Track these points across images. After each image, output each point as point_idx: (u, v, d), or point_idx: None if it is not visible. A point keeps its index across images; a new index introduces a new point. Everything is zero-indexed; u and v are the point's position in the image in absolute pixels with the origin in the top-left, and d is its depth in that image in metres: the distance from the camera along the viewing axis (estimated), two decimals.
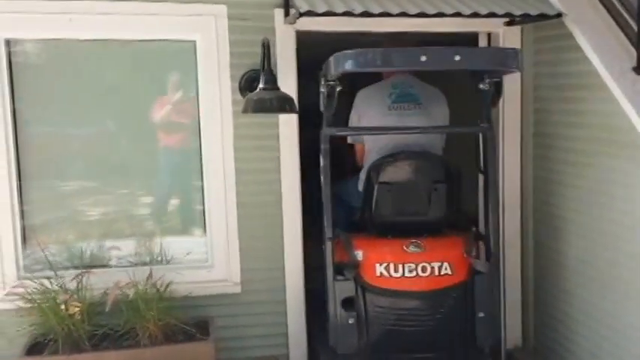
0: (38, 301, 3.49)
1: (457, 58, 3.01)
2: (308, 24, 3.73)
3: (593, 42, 3.32)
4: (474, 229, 3.69)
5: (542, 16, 3.58)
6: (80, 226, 3.87)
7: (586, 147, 3.54)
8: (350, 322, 3.46)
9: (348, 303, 3.48)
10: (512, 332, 4.17)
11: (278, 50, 3.81)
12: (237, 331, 3.88)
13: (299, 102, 3.79)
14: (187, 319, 3.63)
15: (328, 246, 3.45)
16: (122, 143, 3.94)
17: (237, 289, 3.89)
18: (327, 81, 3.35)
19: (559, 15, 3.54)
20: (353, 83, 3.71)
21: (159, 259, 3.86)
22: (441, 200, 3.57)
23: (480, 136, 3.60)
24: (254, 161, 3.87)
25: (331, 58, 3.16)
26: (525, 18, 3.67)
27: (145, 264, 3.80)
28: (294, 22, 3.72)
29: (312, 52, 3.82)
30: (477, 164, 3.71)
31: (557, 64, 3.78)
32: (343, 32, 3.90)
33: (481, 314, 3.50)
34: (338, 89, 3.35)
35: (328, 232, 3.45)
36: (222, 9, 3.74)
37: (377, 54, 3.14)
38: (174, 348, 3.46)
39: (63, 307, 3.42)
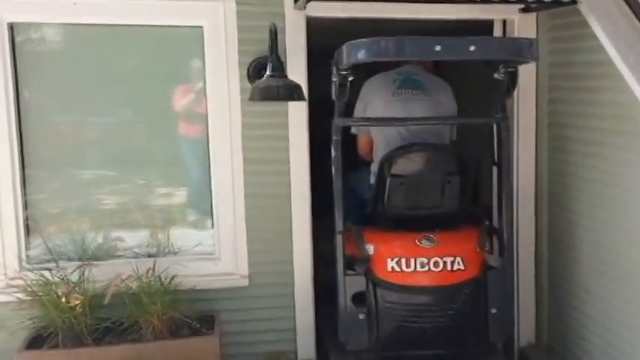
0: (40, 294, 3.39)
1: (472, 48, 2.92)
2: (319, 9, 3.66)
3: (608, 30, 3.18)
4: (487, 222, 3.61)
5: (557, 3, 3.44)
6: (85, 217, 3.76)
7: (602, 139, 3.41)
8: (360, 317, 3.37)
9: (358, 298, 3.40)
10: (525, 328, 4.06)
11: (287, 37, 3.70)
12: (244, 325, 3.77)
13: (309, 90, 3.71)
14: (193, 313, 3.52)
15: (339, 239, 3.36)
16: (128, 132, 3.85)
17: (245, 283, 3.77)
18: (340, 70, 3.24)
19: (574, 2, 3.38)
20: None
21: (165, 250, 3.77)
22: (455, 193, 3.49)
23: (494, 127, 3.48)
24: (263, 151, 3.75)
25: (344, 47, 3.06)
26: (539, 4, 3.57)
27: (150, 256, 3.70)
28: (304, 8, 3.61)
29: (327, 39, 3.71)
30: (491, 156, 3.60)
31: (573, 53, 3.66)
32: (357, 19, 3.80)
33: (494, 310, 3.41)
34: (350, 79, 3.25)
35: (339, 225, 3.36)
36: None
37: (390, 43, 3.00)
38: (177, 343, 3.35)
39: (64, 299, 3.32)
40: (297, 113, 3.75)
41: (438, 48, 2.90)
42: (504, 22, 3.99)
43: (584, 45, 3.47)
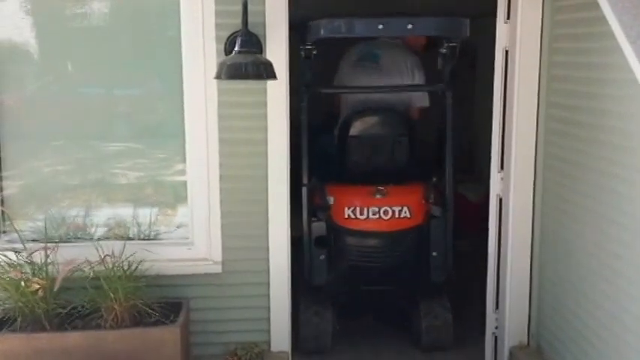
0: (3, 276, 3.30)
1: (410, 26, 3.48)
2: None
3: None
4: (434, 179, 4.09)
5: None
6: (54, 196, 3.67)
7: (601, 122, 3.03)
8: (321, 257, 3.95)
9: (320, 241, 3.97)
10: (517, 328, 3.76)
11: (267, 8, 3.44)
12: (216, 314, 3.61)
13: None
14: (161, 300, 3.36)
15: (304, 191, 3.94)
16: (100, 106, 3.68)
17: (218, 269, 3.59)
18: (305, 45, 3.69)
19: None
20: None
21: (136, 234, 3.64)
22: (404, 152, 4.06)
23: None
24: (240, 131, 3.54)
25: (308, 24, 3.54)
26: None
27: (120, 238, 3.56)
28: None
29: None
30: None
31: (576, 25, 3.26)
32: None
33: (434, 253, 4.00)
34: (314, 53, 3.71)
35: (304, 179, 3.93)
36: None
37: (342, 22, 3.55)
38: (137, 331, 3.21)
39: (23, 283, 3.22)
40: (277, 91, 3.49)
41: (380, 26, 3.46)
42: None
43: (588, 15, 3.05)
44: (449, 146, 4.02)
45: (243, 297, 3.63)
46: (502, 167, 3.74)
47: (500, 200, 3.77)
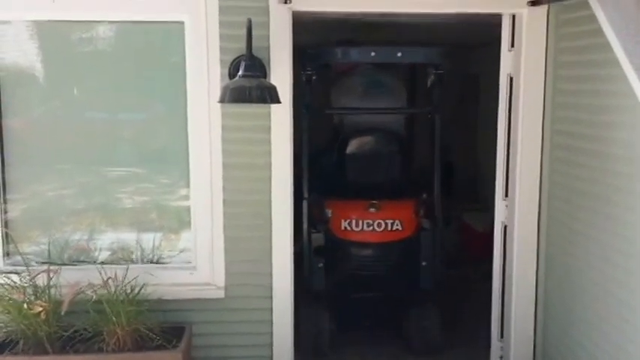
0: (6, 298, 3.30)
1: (399, 54, 4.11)
2: (304, 4, 3.44)
3: (616, 25, 2.78)
4: (424, 195, 4.40)
5: None
6: (58, 220, 3.66)
7: (605, 149, 3.03)
8: (319, 265, 4.24)
9: (318, 251, 4.26)
10: (523, 354, 3.71)
11: (272, 33, 3.47)
12: (218, 339, 3.60)
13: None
14: (163, 324, 3.36)
15: (304, 204, 4.22)
16: (104, 131, 3.69)
17: (221, 294, 3.58)
18: (306, 70, 4.13)
19: None
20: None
21: (139, 257, 3.63)
22: (397, 169, 4.57)
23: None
24: (243, 155, 3.54)
25: (307, 52, 4.00)
26: None
27: (122, 262, 3.55)
28: (290, 2, 3.40)
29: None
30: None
31: (580, 52, 3.27)
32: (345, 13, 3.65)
33: (424, 263, 4.30)
34: (314, 77, 4.17)
35: (305, 193, 4.23)
36: None
37: (339, 50, 4.32)
38: (139, 356, 3.20)
39: (25, 306, 3.22)
40: (281, 115, 3.51)
41: (373, 54, 4.12)
42: (513, 17, 3.63)
43: (592, 42, 3.07)
44: (437, 165, 4.36)
45: (246, 322, 3.61)
46: (507, 195, 3.74)
47: (505, 228, 3.76)
